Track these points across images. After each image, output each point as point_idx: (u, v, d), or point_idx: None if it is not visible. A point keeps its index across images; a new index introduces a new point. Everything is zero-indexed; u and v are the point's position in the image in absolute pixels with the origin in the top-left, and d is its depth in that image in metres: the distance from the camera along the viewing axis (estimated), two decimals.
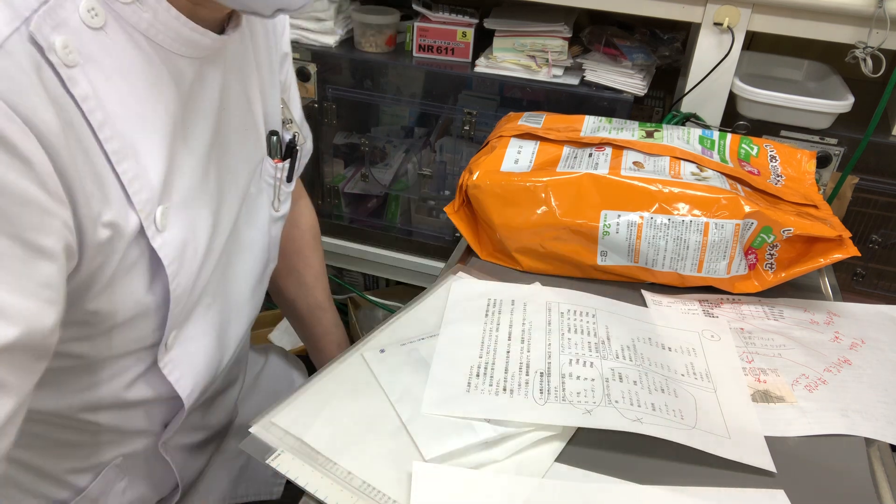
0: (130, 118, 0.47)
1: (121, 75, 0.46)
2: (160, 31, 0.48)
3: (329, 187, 1.36)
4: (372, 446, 0.52)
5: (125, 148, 0.46)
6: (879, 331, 0.69)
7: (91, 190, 0.44)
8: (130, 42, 0.47)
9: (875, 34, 0.92)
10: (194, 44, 0.51)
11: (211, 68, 0.55)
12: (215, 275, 0.60)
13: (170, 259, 0.51)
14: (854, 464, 0.54)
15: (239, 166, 0.62)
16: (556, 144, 0.81)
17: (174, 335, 0.56)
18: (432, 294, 0.70)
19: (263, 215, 0.67)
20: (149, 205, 0.49)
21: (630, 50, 1.10)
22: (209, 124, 0.55)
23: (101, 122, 0.44)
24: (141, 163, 0.48)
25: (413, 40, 1.19)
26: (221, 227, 0.59)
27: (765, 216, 0.68)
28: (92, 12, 0.44)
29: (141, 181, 0.48)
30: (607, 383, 0.58)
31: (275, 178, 0.68)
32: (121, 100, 0.46)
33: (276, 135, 0.67)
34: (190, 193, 0.54)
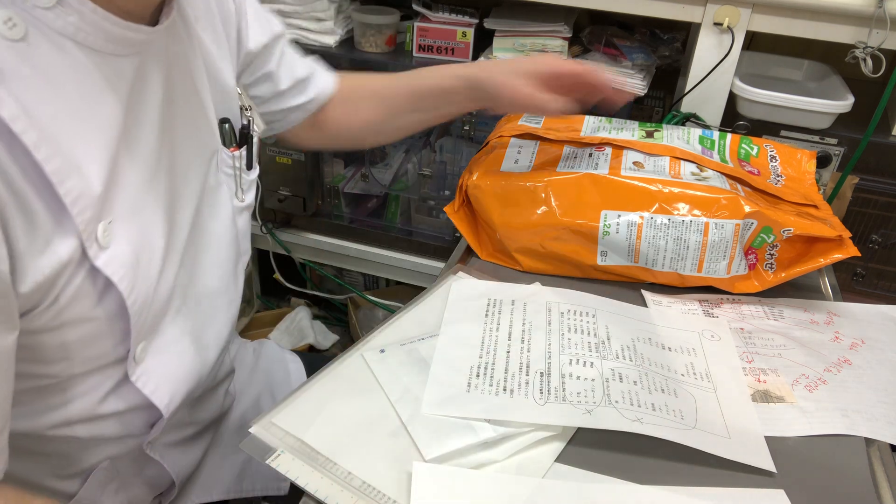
0: (66, 132, 0.44)
1: (50, 87, 0.43)
2: (89, 34, 0.45)
3: (329, 187, 1.36)
4: (372, 446, 0.52)
5: (65, 166, 0.43)
6: (879, 331, 0.69)
7: (25, 222, 0.42)
8: (56, 49, 0.44)
9: (875, 34, 0.92)
10: (127, 41, 0.48)
11: (151, 63, 0.52)
12: (181, 278, 0.58)
13: (119, 275, 0.48)
14: (854, 464, 0.54)
15: (191, 160, 0.59)
16: (557, 144, 0.81)
17: (142, 347, 0.54)
18: (432, 294, 0.70)
19: (226, 207, 0.64)
20: (91, 223, 0.46)
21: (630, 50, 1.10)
22: (155, 123, 0.53)
23: (35, 141, 0.41)
24: (84, 178, 0.45)
25: (413, 40, 1.19)
26: (178, 227, 0.57)
27: (765, 216, 0.68)
28: (9, 23, 0.41)
29: (85, 199, 0.45)
30: (607, 383, 0.58)
31: (234, 168, 0.65)
32: (53, 114, 0.43)
33: (228, 122, 0.65)
34: (137, 200, 0.51)
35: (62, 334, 0.48)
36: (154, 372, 0.56)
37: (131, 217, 0.50)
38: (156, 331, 0.56)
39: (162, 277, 0.54)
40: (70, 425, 0.55)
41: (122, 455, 0.61)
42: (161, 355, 0.57)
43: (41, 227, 0.43)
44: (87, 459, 0.59)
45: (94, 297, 0.49)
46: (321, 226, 1.37)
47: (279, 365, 0.88)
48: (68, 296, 0.46)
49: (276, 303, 1.71)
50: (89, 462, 0.59)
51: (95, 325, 0.50)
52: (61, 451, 0.57)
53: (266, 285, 1.66)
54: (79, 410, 0.54)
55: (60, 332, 0.48)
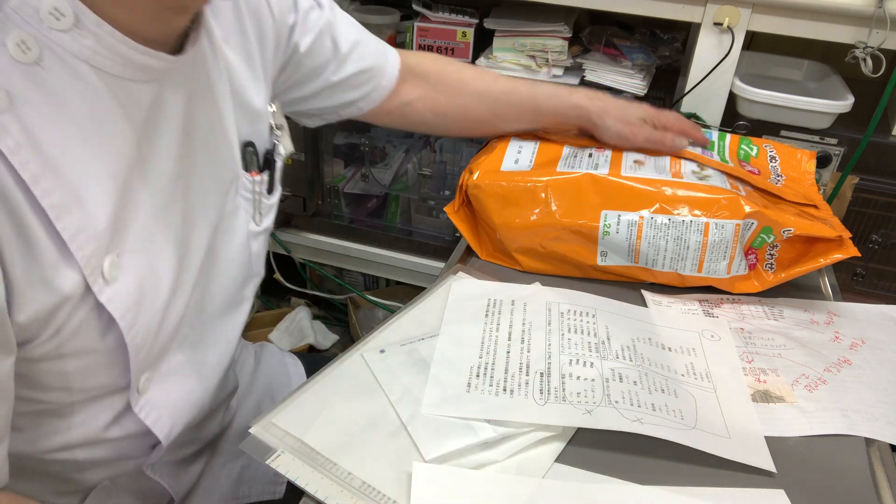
0: (73, 161, 0.43)
1: (61, 113, 0.42)
2: (106, 58, 0.43)
3: (329, 187, 1.36)
4: (372, 446, 0.52)
5: (66, 200, 0.42)
6: (879, 331, 0.69)
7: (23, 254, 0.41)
8: (71, 73, 0.42)
9: (875, 34, 0.92)
10: (147, 67, 0.46)
11: (171, 90, 0.50)
12: (190, 306, 0.56)
13: (122, 311, 0.47)
14: (854, 464, 0.54)
15: (209, 188, 0.57)
16: (557, 144, 0.81)
17: (146, 377, 0.53)
18: (432, 294, 0.70)
19: (241, 232, 0.62)
20: (94, 258, 0.44)
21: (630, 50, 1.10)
22: (172, 151, 0.51)
23: (35, 174, 0.40)
24: (87, 211, 0.43)
25: (413, 40, 1.19)
26: (191, 256, 0.55)
27: (765, 216, 0.68)
28: (22, 46, 0.40)
29: (86, 234, 0.43)
30: (607, 383, 0.58)
31: (253, 192, 0.62)
32: (61, 142, 0.42)
33: (252, 146, 0.62)
34: (149, 232, 0.49)
35: (62, 364, 0.47)
36: (156, 402, 0.55)
37: (141, 249, 0.49)
38: (160, 360, 0.55)
39: (170, 309, 0.53)
40: (70, 449, 0.54)
41: (122, 475, 0.60)
42: (164, 384, 0.56)
43: (43, 259, 0.42)
44: (86, 479, 0.58)
45: (98, 331, 0.48)
46: (321, 226, 1.37)
47: (279, 369, 0.88)
48: (71, 329, 0.45)
49: (276, 303, 1.71)
50: (89, 482, 0.59)
51: (97, 357, 0.49)
52: (61, 472, 0.56)
53: (266, 285, 1.66)
54: (79, 436, 0.53)
55: (61, 362, 0.47)
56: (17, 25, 0.40)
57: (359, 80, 0.76)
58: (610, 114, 0.78)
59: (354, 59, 0.74)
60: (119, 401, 0.53)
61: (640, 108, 0.80)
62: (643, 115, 0.79)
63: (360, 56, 0.75)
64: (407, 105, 0.81)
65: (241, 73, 0.60)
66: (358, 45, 0.75)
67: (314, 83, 0.74)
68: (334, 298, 1.65)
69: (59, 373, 0.48)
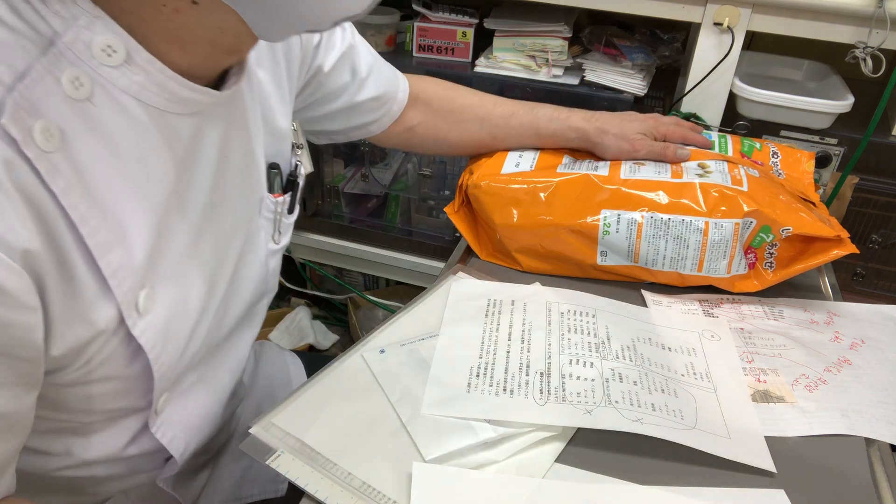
0: (118, 198, 0.43)
1: (108, 150, 0.42)
2: (154, 94, 0.43)
3: (329, 187, 1.36)
4: (372, 447, 0.52)
5: (111, 238, 0.42)
6: (879, 331, 0.69)
7: (64, 291, 0.41)
8: (118, 109, 0.42)
9: (875, 34, 0.92)
10: (192, 102, 0.46)
11: (209, 123, 0.50)
12: (211, 331, 0.57)
13: (151, 343, 0.47)
14: (854, 464, 0.54)
15: (239, 214, 0.57)
16: (556, 154, 0.82)
17: (165, 398, 0.54)
18: (432, 294, 0.70)
19: (262, 251, 0.62)
20: (130, 293, 0.45)
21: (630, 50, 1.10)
22: (206, 183, 0.51)
23: (83, 215, 0.40)
24: (128, 247, 0.44)
25: (413, 40, 1.19)
26: (218, 285, 0.55)
27: (763, 215, 0.68)
28: (76, 83, 0.40)
29: (125, 270, 0.44)
30: (607, 383, 0.58)
31: (275, 213, 0.63)
32: (108, 179, 0.42)
33: (277, 168, 0.63)
34: (181, 264, 0.50)
35: (87, 389, 0.48)
36: (172, 421, 0.56)
37: (173, 280, 0.49)
38: (178, 381, 0.55)
39: (194, 335, 0.53)
40: (88, 466, 0.55)
41: (136, 487, 0.61)
42: (179, 402, 0.56)
43: (83, 296, 0.43)
44: (100, 492, 0.59)
45: (126, 359, 0.48)
46: (321, 226, 1.37)
47: (280, 367, 0.88)
48: (100, 359, 0.46)
49: (276, 303, 1.71)
50: (103, 494, 0.60)
51: (122, 382, 0.49)
52: (77, 486, 0.57)
53: None
54: (97, 455, 0.54)
55: (86, 387, 0.47)
56: (70, 63, 0.40)
57: (374, 104, 0.78)
58: (608, 132, 0.78)
59: (371, 84, 0.76)
60: (137, 421, 0.54)
61: (639, 121, 0.81)
62: (642, 128, 0.79)
63: (376, 81, 0.76)
64: (410, 129, 0.83)
65: (271, 95, 0.61)
66: (374, 71, 0.76)
67: (332, 104, 0.75)
68: (334, 298, 1.65)
69: (83, 397, 0.48)
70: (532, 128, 0.82)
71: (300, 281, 1.59)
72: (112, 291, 0.43)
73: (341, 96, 0.75)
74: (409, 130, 0.83)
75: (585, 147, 0.81)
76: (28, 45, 0.38)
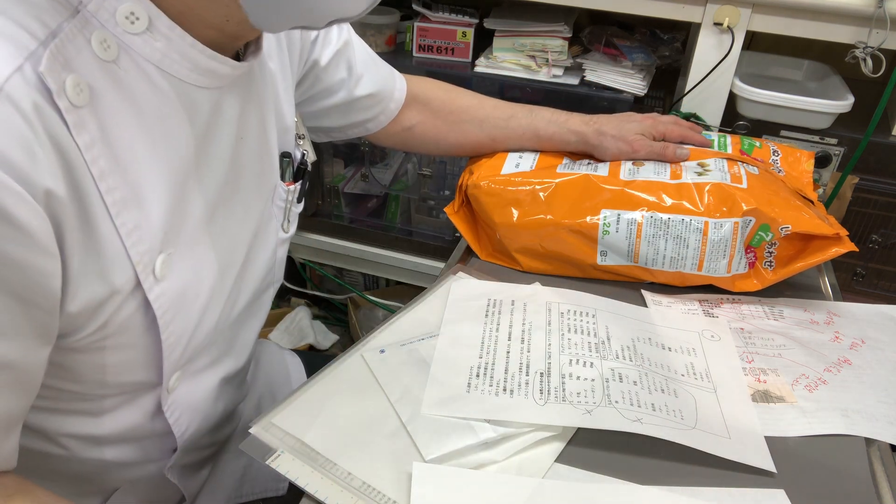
0: (138, 160, 0.44)
1: (132, 112, 0.44)
2: (175, 62, 0.45)
3: (329, 187, 1.36)
4: (372, 447, 0.52)
5: (128, 197, 0.44)
6: (879, 331, 0.69)
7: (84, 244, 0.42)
8: (142, 76, 0.44)
9: (875, 34, 0.92)
10: (212, 73, 0.48)
11: (229, 98, 0.52)
12: (224, 313, 0.58)
13: (164, 310, 0.48)
14: (854, 464, 0.54)
15: (254, 198, 0.59)
16: (556, 154, 0.82)
17: (177, 377, 0.54)
18: (432, 294, 0.70)
19: (272, 238, 0.64)
20: (147, 255, 0.46)
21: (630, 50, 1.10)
22: (225, 159, 0.53)
23: (103, 171, 0.42)
24: (145, 210, 0.45)
25: (413, 40, 1.19)
26: (230, 267, 0.56)
27: (762, 213, 0.68)
28: (104, 44, 0.41)
29: (141, 231, 0.45)
30: (607, 383, 0.58)
31: (285, 201, 0.65)
32: (130, 140, 0.44)
33: (289, 156, 0.65)
34: (198, 234, 0.51)
35: (102, 357, 0.48)
36: (181, 401, 0.57)
37: (189, 251, 0.50)
38: (191, 362, 0.56)
39: (207, 314, 0.54)
40: (100, 447, 0.55)
41: (143, 478, 0.61)
42: (189, 384, 0.57)
43: (102, 252, 0.43)
44: (109, 481, 0.60)
45: (143, 328, 0.49)
46: (321, 226, 1.37)
47: (279, 366, 0.88)
48: (117, 324, 0.47)
49: (276, 303, 1.71)
50: (111, 483, 0.60)
51: (136, 353, 0.50)
52: (87, 473, 0.57)
53: None
54: (110, 431, 0.54)
55: (101, 355, 0.48)
56: (97, 27, 0.42)
57: (370, 101, 0.78)
58: (607, 134, 0.79)
59: (367, 81, 0.76)
60: (150, 399, 0.55)
61: (637, 121, 0.81)
62: (640, 128, 0.79)
63: (372, 78, 0.77)
64: (408, 130, 0.84)
65: (279, 85, 0.62)
66: (371, 68, 0.77)
67: (329, 100, 0.76)
68: (334, 298, 1.65)
69: (97, 365, 0.49)
70: (531, 130, 0.82)
71: (300, 281, 1.59)
72: (128, 251, 0.44)
73: (338, 92, 0.75)
74: (407, 130, 0.84)
75: (585, 150, 0.81)
76: (59, 7, 0.40)
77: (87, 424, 0.53)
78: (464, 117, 0.84)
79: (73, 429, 0.53)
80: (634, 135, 0.78)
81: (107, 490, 0.60)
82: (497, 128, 0.83)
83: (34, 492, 0.45)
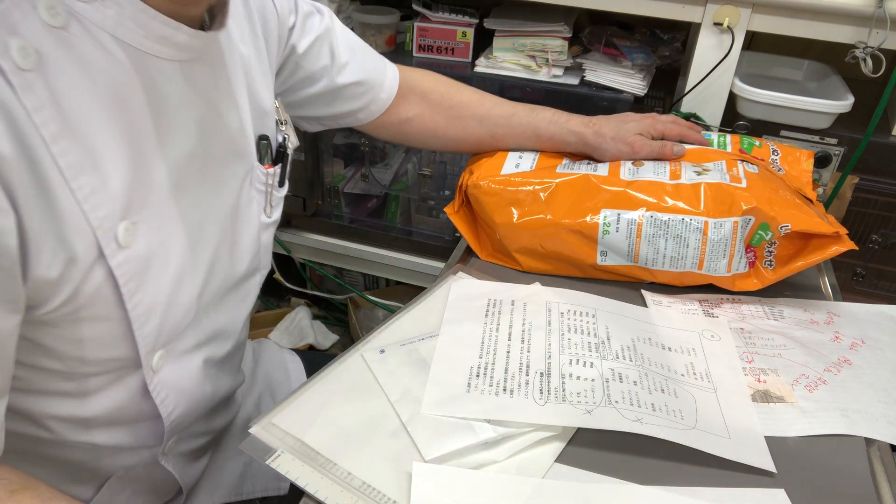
0: (93, 126, 0.44)
1: (84, 78, 0.44)
2: (129, 29, 0.45)
3: (329, 187, 1.36)
4: (372, 447, 0.52)
5: (83, 161, 0.44)
6: (879, 331, 0.69)
7: (41, 207, 0.42)
8: (94, 43, 0.44)
9: (875, 34, 0.92)
10: (168, 41, 0.48)
11: (194, 71, 0.52)
12: (205, 293, 0.58)
13: (126, 277, 0.48)
14: (854, 464, 0.54)
15: (227, 175, 0.59)
16: (556, 154, 0.82)
17: (160, 355, 0.54)
18: (432, 294, 0.70)
19: (254, 223, 0.64)
20: (108, 221, 0.46)
21: (630, 50, 1.10)
22: (191, 131, 0.53)
23: (54, 134, 0.42)
24: (102, 175, 0.45)
25: (413, 40, 1.19)
26: (204, 241, 0.56)
27: (761, 212, 0.68)
28: (52, 10, 0.42)
29: (99, 196, 0.45)
30: (607, 383, 0.58)
31: (266, 185, 0.65)
32: (82, 106, 0.44)
33: (267, 139, 0.65)
34: (164, 204, 0.51)
35: (78, 330, 0.48)
36: (167, 382, 0.56)
37: (155, 221, 0.50)
38: (175, 341, 0.56)
39: (181, 288, 0.54)
40: (89, 430, 0.55)
41: (137, 464, 0.61)
42: (176, 365, 0.57)
43: (60, 216, 0.44)
44: (103, 468, 0.59)
45: (114, 299, 0.49)
46: (321, 226, 1.37)
47: (279, 365, 0.88)
48: (87, 294, 0.47)
49: (275, 303, 1.71)
50: (105, 470, 0.60)
51: (111, 326, 0.50)
52: (79, 459, 0.57)
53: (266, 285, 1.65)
54: (96, 413, 0.54)
55: (76, 327, 0.48)
56: None
57: (356, 90, 0.77)
58: (606, 135, 0.79)
59: (352, 70, 0.76)
60: (135, 379, 0.55)
61: (635, 121, 0.81)
62: (639, 128, 0.80)
63: (357, 67, 0.76)
64: (406, 122, 0.83)
65: (254, 68, 0.62)
66: (356, 57, 0.77)
67: (311, 88, 0.75)
68: (334, 298, 1.65)
69: (74, 340, 0.49)
70: (531, 128, 0.82)
71: (300, 281, 1.59)
72: (87, 216, 0.45)
73: (321, 80, 0.75)
74: (404, 122, 0.83)
75: (584, 151, 0.81)
76: None
77: (73, 406, 0.53)
78: (464, 113, 0.83)
79: (60, 411, 0.53)
80: (633, 135, 0.78)
81: (101, 477, 0.60)
82: (498, 125, 0.83)
83: (38, 487, 0.45)
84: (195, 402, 0.61)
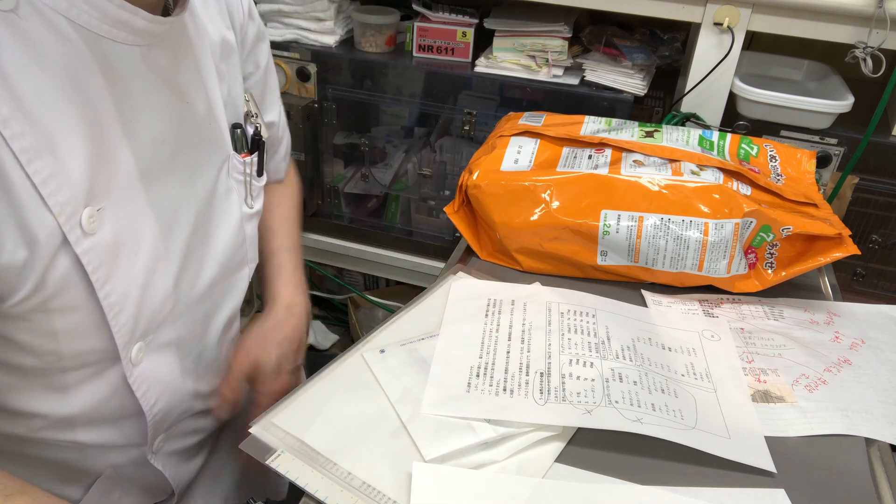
0: (47, 109, 0.43)
1: (37, 62, 0.43)
2: (83, 12, 0.44)
3: (329, 187, 1.36)
4: (372, 446, 0.52)
5: (39, 145, 0.43)
6: (879, 331, 0.69)
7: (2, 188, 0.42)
8: (48, 26, 0.43)
9: (875, 34, 0.92)
10: (125, 25, 0.47)
11: (158, 55, 0.51)
12: (183, 283, 0.57)
13: (95, 265, 0.47)
14: (854, 464, 0.54)
15: (200, 162, 0.58)
16: (556, 143, 0.81)
17: (139, 348, 0.54)
18: (432, 294, 0.70)
19: (235, 214, 0.64)
20: (70, 206, 0.45)
21: (630, 50, 1.10)
22: (157, 116, 0.52)
23: (6, 117, 0.41)
24: (60, 159, 0.44)
25: (413, 40, 1.19)
26: (177, 229, 0.55)
27: (763, 214, 0.68)
28: None
29: (58, 180, 0.44)
30: (607, 383, 0.58)
31: (244, 174, 0.64)
32: (36, 89, 0.43)
33: (240, 127, 0.64)
34: (131, 190, 0.50)
35: (49, 321, 0.47)
36: (147, 375, 0.56)
37: (122, 207, 0.49)
38: (154, 333, 0.55)
39: (155, 278, 0.53)
40: (72, 427, 0.54)
41: (126, 464, 0.61)
42: (156, 358, 0.56)
43: (18, 201, 0.43)
44: (91, 467, 0.59)
45: (83, 288, 0.48)
46: (321, 226, 1.37)
47: None
48: (55, 283, 0.46)
49: None
50: (93, 470, 0.59)
51: (83, 316, 0.49)
52: (64, 459, 0.57)
53: None
54: (78, 409, 0.53)
55: (48, 318, 0.47)
56: None
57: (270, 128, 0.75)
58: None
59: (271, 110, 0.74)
60: (114, 374, 0.54)
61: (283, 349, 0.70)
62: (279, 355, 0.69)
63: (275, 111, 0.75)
64: None
65: (225, 57, 0.62)
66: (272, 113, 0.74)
67: None
68: (334, 298, 1.65)
69: (47, 333, 0.48)
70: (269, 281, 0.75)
71: None
72: (45, 201, 0.44)
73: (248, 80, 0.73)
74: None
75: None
76: None
77: (54, 403, 0.52)
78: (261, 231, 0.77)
79: (41, 408, 0.52)
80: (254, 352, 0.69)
81: (89, 476, 0.59)
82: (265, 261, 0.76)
83: (33, 492, 0.45)
84: (178, 396, 0.60)
